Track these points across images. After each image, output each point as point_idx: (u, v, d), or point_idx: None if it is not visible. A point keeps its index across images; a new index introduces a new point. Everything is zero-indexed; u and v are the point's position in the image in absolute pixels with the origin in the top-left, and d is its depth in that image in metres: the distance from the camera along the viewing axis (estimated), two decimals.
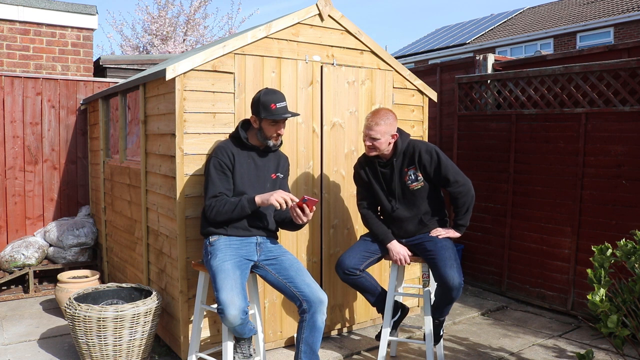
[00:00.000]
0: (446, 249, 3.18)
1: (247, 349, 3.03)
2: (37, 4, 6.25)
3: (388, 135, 3.20)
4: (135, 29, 17.79)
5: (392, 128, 3.21)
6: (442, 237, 3.27)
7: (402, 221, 3.34)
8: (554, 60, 5.09)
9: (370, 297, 3.42)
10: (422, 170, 3.26)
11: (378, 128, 3.16)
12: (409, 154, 3.28)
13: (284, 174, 3.18)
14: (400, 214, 3.33)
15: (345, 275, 3.29)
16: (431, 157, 3.23)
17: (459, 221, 3.32)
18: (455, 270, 3.07)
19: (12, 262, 4.95)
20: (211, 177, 2.94)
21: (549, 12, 19.11)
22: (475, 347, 3.84)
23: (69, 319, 3.26)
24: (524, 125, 4.85)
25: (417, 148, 3.26)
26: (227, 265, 2.81)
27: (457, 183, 3.23)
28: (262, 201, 2.86)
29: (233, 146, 3.03)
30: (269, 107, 2.93)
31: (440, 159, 3.23)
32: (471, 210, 3.32)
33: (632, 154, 4.06)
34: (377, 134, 3.17)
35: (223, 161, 2.95)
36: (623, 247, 2.67)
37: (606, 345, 3.81)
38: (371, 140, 3.19)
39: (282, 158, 3.21)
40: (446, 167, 3.22)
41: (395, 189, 3.31)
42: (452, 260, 3.12)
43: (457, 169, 3.27)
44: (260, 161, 3.07)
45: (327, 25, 3.76)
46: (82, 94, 5.77)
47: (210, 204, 2.90)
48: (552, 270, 4.62)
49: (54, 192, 5.67)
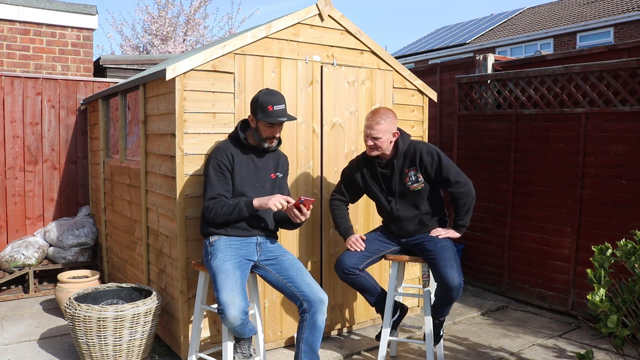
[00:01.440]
0: (446, 249, 3.18)
1: (247, 349, 3.03)
2: (37, 4, 6.25)
3: (389, 134, 3.19)
4: (135, 29, 17.81)
5: (392, 126, 3.21)
6: (442, 237, 3.27)
7: (402, 221, 3.34)
8: (554, 60, 5.09)
9: (369, 296, 3.42)
10: (423, 172, 3.25)
11: (379, 127, 3.15)
12: (409, 155, 3.27)
13: (283, 173, 3.18)
14: (401, 214, 3.33)
15: (344, 275, 3.29)
16: (432, 159, 3.23)
17: (459, 221, 3.32)
18: (455, 271, 3.07)
19: (12, 262, 4.95)
20: (210, 178, 2.94)
21: (549, 12, 19.11)
22: (475, 347, 3.84)
23: (69, 319, 3.26)
24: (524, 125, 4.85)
25: (418, 149, 3.26)
26: (227, 266, 2.81)
27: (459, 184, 3.23)
28: (260, 205, 2.86)
29: (232, 147, 3.02)
30: (266, 108, 2.92)
31: (442, 160, 3.22)
32: (472, 211, 3.32)
33: (632, 154, 4.06)
34: (378, 133, 3.16)
35: (222, 162, 2.95)
36: (623, 247, 2.67)
37: (606, 345, 3.81)
38: (373, 139, 3.18)
39: (282, 157, 3.21)
40: (447, 168, 3.22)
41: (396, 189, 3.31)
42: (452, 260, 3.12)
43: (458, 170, 3.27)
44: (259, 161, 3.07)
45: (327, 25, 3.76)
46: (82, 94, 5.77)
47: (208, 205, 2.90)
48: (552, 270, 4.62)
49: (54, 192, 5.67)
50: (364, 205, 3.97)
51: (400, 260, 3.41)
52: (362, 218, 4.01)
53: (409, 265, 4.26)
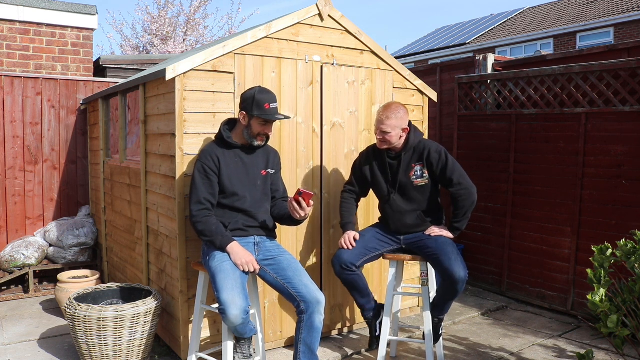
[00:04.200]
0: (447, 244, 3.22)
1: (247, 349, 3.03)
2: (37, 4, 6.25)
3: (399, 129, 3.27)
4: (135, 29, 17.80)
5: (403, 122, 3.28)
6: (435, 234, 3.29)
7: (401, 214, 3.38)
8: (554, 60, 5.09)
9: (359, 297, 3.44)
10: (429, 168, 3.33)
11: (389, 122, 3.24)
12: (419, 150, 3.35)
13: (275, 168, 3.17)
14: (400, 206, 3.37)
15: (341, 269, 3.30)
16: (439, 157, 3.31)
17: (456, 224, 3.33)
18: (460, 263, 3.11)
19: (12, 262, 4.95)
20: (195, 182, 2.96)
21: (549, 12, 19.11)
22: (475, 347, 3.84)
23: (69, 319, 3.26)
24: (524, 125, 4.85)
25: (428, 146, 3.35)
26: (226, 266, 2.81)
27: (460, 185, 3.27)
28: (232, 253, 2.86)
29: (217, 148, 3.02)
30: (263, 106, 2.92)
31: (448, 161, 3.30)
32: (469, 216, 3.34)
33: (632, 154, 4.06)
34: (387, 127, 3.24)
35: (207, 165, 2.95)
36: (623, 247, 2.67)
37: (606, 345, 3.81)
38: (382, 133, 3.28)
39: (272, 153, 3.19)
40: (452, 168, 3.29)
41: (399, 181, 3.36)
42: (455, 254, 3.15)
43: (463, 173, 3.32)
44: (247, 159, 3.06)
45: (327, 25, 3.76)
46: (82, 94, 5.77)
47: (192, 211, 2.93)
48: (552, 270, 4.62)
49: (54, 192, 5.67)
50: (363, 205, 3.97)
51: (399, 260, 3.42)
52: (361, 218, 4.01)
53: (408, 265, 4.26)
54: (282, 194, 3.20)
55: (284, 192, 3.22)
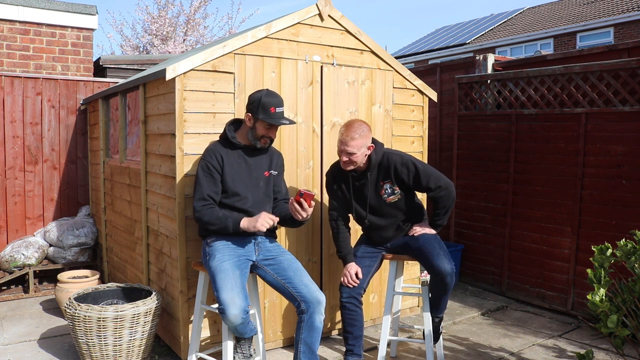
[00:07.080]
0: (431, 240, 3.20)
1: (247, 349, 3.03)
2: (37, 4, 6.25)
3: (364, 148, 3.13)
4: (135, 29, 17.79)
5: (367, 140, 3.14)
6: (419, 234, 3.28)
7: (380, 229, 3.34)
8: (554, 60, 5.09)
9: (351, 336, 3.25)
10: (399, 184, 3.22)
11: (354, 142, 3.07)
12: (383, 167, 3.22)
13: (278, 170, 3.17)
14: (377, 223, 3.32)
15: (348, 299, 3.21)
16: (408, 170, 3.19)
17: (438, 221, 3.31)
18: (443, 257, 3.09)
19: (12, 262, 4.95)
20: (199, 179, 2.96)
21: (549, 12, 19.11)
22: (475, 347, 3.84)
23: (69, 319, 3.26)
24: (524, 125, 4.85)
25: (392, 161, 3.20)
26: (226, 265, 2.81)
27: (440, 189, 3.20)
28: (247, 227, 2.85)
29: (222, 147, 3.02)
30: (269, 109, 2.92)
31: (418, 170, 3.18)
32: (450, 211, 3.31)
33: (632, 154, 4.06)
34: (353, 148, 3.08)
35: (211, 163, 2.95)
36: (623, 247, 2.67)
37: (606, 345, 3.81)
38: (348, 155, 3.10)
39: (275, 154, 3.19)
40: (426, 175, 3.18)
41: (370, 201, 3.27)
42: (437, 249, 3.13)
43: (438, 174, 3.23)
44: (251, 160, 3.06)
45: (327, 25, 3.76)
46: (82, 94, 5.77)
47: (196, 206, 2.92)
48: (552, 270, 4.62)
49: (54, 192, 5.67)
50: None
51: (399, 260, 3.42)
52: None
53: (407, 265, 4.27)
54: (284, 196, 3.20)
55: (285, 193, 3.22)
